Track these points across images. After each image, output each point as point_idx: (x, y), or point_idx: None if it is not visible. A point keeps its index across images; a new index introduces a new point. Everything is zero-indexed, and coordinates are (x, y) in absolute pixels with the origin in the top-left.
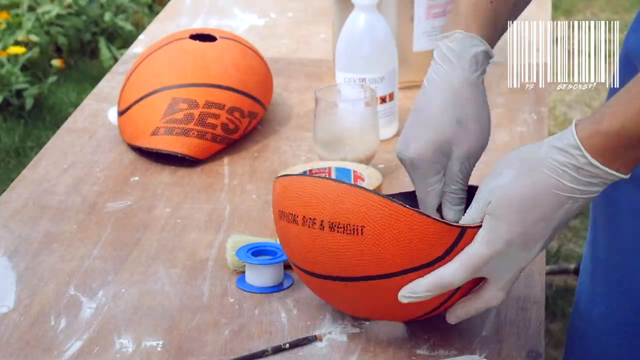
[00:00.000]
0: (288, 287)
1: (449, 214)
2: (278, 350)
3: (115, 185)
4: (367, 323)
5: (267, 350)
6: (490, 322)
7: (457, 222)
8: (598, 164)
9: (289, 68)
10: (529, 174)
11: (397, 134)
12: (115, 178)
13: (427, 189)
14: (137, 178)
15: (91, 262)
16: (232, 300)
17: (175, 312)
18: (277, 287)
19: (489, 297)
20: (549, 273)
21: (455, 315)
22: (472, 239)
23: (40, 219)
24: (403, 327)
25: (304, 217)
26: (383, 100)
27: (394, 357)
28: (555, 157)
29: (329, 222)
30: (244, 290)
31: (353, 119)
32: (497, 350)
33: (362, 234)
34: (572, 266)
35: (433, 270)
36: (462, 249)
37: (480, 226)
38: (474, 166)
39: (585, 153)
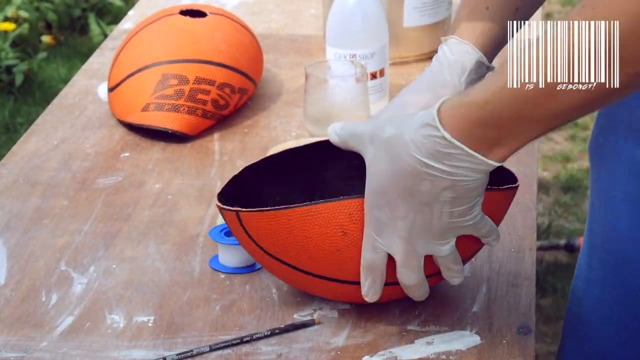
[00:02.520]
0: (260, 268)
1: None
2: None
3: (105, 161)
4: None
5: (263, 333)
6: (481, 299)
7: None
8: (450, 138)
9: (279, 44)
10: (397, 140)
11: None
12: (105, 154)
13: None
14: (127, 154)
15: (82, 238)
16: (223, 276)
17: (166, 288)
18: (250, 268)
19: (401, 276)
20: (539, 249)
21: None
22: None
23: (30, 195)
24: (393, 303)
25: None
26: (373, 76)
27: (384, 333)
28: (418, 130)
29: None
30: (216, 270)
31: (343, 95)
32: (487, 326)
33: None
34: (562, 242)
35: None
36: None
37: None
38: None
39: (438, 124)
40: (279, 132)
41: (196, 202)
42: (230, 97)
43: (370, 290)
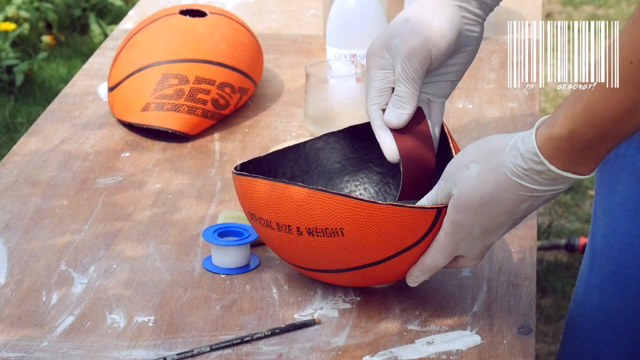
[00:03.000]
0: (254, 268)
1: (388, 114)
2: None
3: (105, 161)
4: (359, 299)
5: (264, 333)
6: (482, 298)
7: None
8: (557, 170)
9: (280, 44)
10: (492, 173)
11: None
12: (105, 154)
13: (368, 82)
14: (127, 154)
15: (82, 238)
16: (223, 275)
17: (166, 288)
18: (244, 269)
19: (464, 263)
20: (539, 249)
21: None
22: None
23: (31, 195)
24: (394, 303)
25: (278, 223)
26: None
27: (385, 332)
28: (517, 161)
29: (306, 227)
30: (210, 271)
31: (344, 95)
32: (488, 326)
33: (342, 234)
34: (562, 242)
35: (415, 251)
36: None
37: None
38: (419, 69)
39: (544, 160)
40: (279, 132)
41: (196, 202)
42: (231, 96)
43: (418, 281)
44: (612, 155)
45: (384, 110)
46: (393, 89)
